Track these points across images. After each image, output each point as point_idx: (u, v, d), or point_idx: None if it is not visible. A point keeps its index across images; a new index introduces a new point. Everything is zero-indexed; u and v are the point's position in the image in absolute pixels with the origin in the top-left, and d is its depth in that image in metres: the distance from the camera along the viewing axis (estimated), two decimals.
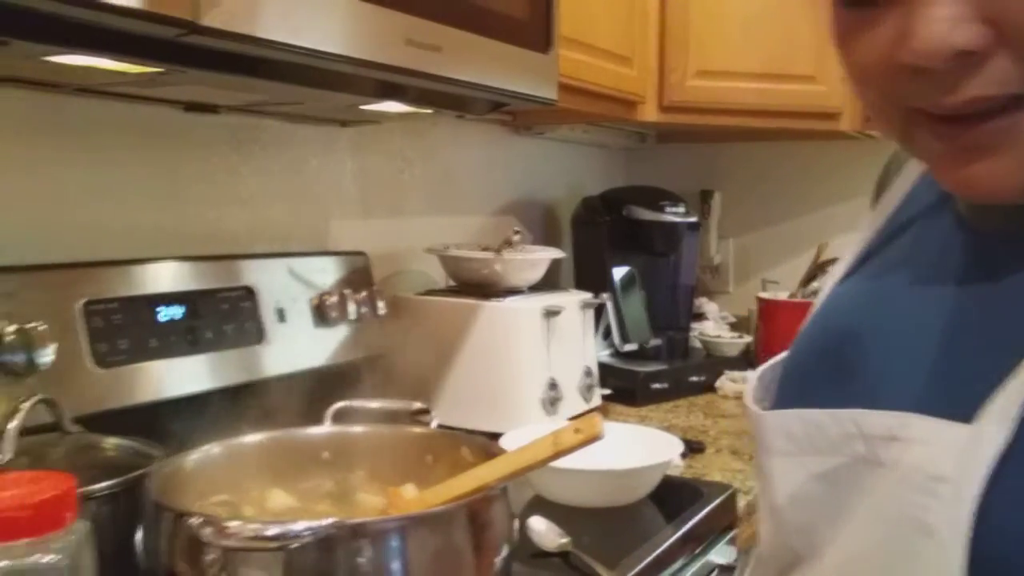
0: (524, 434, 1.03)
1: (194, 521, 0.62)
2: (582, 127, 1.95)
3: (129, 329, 1.02)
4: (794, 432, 0.52)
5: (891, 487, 0.46)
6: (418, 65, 0.94)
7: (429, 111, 1.17)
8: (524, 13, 1.12)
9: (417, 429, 0.94)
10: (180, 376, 1.07)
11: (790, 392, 0.57)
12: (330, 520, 0.63)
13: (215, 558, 0.65)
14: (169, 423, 1.04)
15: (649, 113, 1.67)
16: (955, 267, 0.51)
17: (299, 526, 0.62)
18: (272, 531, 0.62)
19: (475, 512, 0.72)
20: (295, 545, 0.62)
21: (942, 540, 0.42)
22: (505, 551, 0.76)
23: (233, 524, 0.62)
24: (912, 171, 0.61)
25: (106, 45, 0.73)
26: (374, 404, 0.93)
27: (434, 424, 0.96)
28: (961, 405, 0.44)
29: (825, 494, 0.50)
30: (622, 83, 1.56)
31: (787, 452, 0.53)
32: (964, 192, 0.48)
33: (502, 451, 0.84)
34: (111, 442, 0.89)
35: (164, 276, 1.09)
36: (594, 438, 0.70)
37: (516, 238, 1.42)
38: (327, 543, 0.63)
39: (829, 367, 0.55)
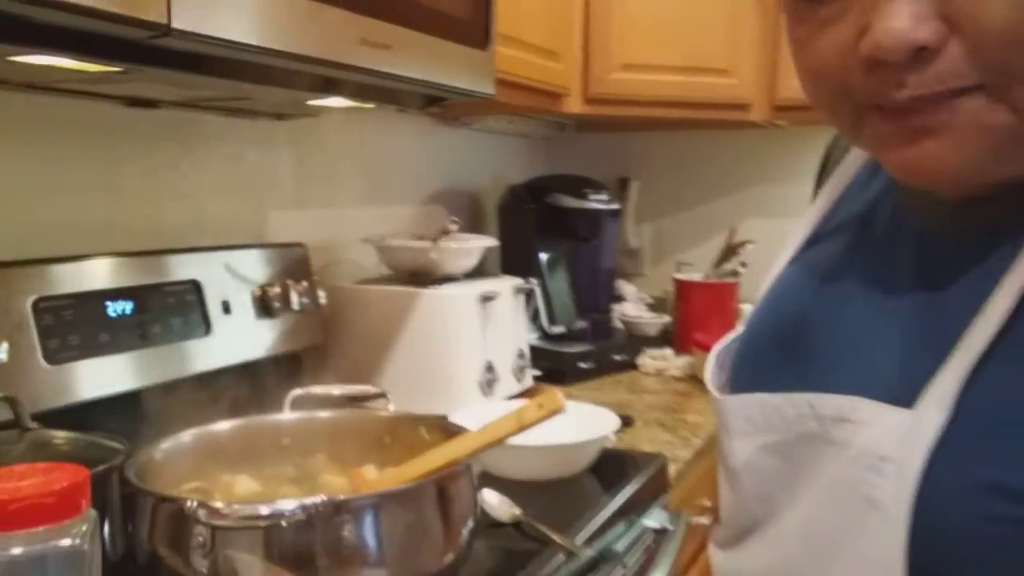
0: (466, 416, 1.07)
1: (190, 504, 0.66)
2: (507, 118, 2.01)
3: (79, 325, 1.03)
4: (753, 416, 0.58)
5: (842, 464, 0.51)
6: (371, 63, 0.98)
7: (371, 106, 1.21)
8: (465, 12, 1.17)
9: (374, 412, 0.99)
10: (130, 370, 1.08)
11: (745, 373, 0.62)
12: (320, 498, 0.67)
13: (204, 539, 0.68)
14: (120, 418, 1.06)
15: (574, 105, 1.74)
16: (900, 261, 0.56)
17: (290, 504, 0.66)
18: (265, 510, 0.66)
19: (446, 486, 0.78)
20: (285, 523, 0.66)
21: (887, 514, 0.47)
22: (471, 523, 0.82)
23: (232, 506, 0.66)
24: (854, 159, 0.64)
25: (74, 45, 0.74)
26: (336, 391, 0.97)
27: (391, 408, 1.01)
28: (904, 391, 0.49)
29: (781, 466, 0.56)
30: (550, 76, 1.62)
31: (746, 432, 0.58)
32: (906, 174, 0.51)
33: (460, 429, 0.90)
34: (71, 437, 0.90)
35: (111, 272, 1.09)
36: (556, 412, 0.76)
37: (453, 227, 1.46)
38: (317, 519, 0.68)
39: (782, 350, 0.59)
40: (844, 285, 0.59)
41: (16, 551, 0.50)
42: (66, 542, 0.52)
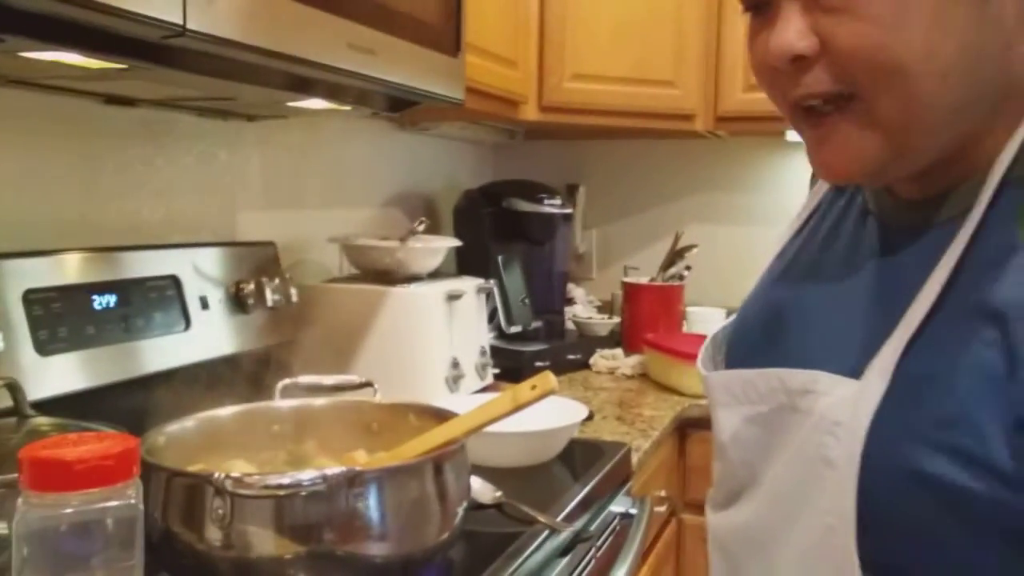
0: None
1: (217, 476, 0.69)
2: (460, 124, 2.07)
3: (67, 317, 1.04)
4: (733, 388, 0.66)
5: (805, 431, 0.59)
6: (356, 67, 1.02)
7: (348, 108, 1.25)
8: (439, 20, 1.22)
9: (363, 400, 1.02)
10: (116, 362, 1.09)
11: (736, 354, 0.71)
12: (339, 468, 0.71)
13: (224, 512, 0.72)
14: (109, 408, 1.07)
15: (531, 113, 1.81)
16: (864, 252, 0.64)
17: (310, 474, 0.70)
18: (287, 480, 0.70)
19: (445, 463, 0.82)
20: (305, 492, 0.71)
21: (840, 471, 0.55)
22: (465, 502, 0.87)
23: (253, 476, 0.69)
24: None
25: (86, 43, 0.77)
26: (328, 380, 1.00)
27: (377, 397, 1.05)
28: (857, 364, 0.56)
29: (760, 435, 0.64)
30: (509, 84, 1.68)
31: (727, 404, 0.67)
32: (823, 175, 0.61)
33: (449, 413, 0.94)
34: (71, 425, 0.92)
35: (93, 266, 1.11)
36: (549, 392, 0.81)
37: (420, 228, 1.51)
38: (332, 490, 0.72)
39: (765, 333, 0.68)
40: (818, 274, 0.67)
41: (79, 509, 0.53)
42: (122, 501, 0.56)
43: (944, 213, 0.58)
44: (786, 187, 2.14)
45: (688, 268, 2.10)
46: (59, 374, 1.02)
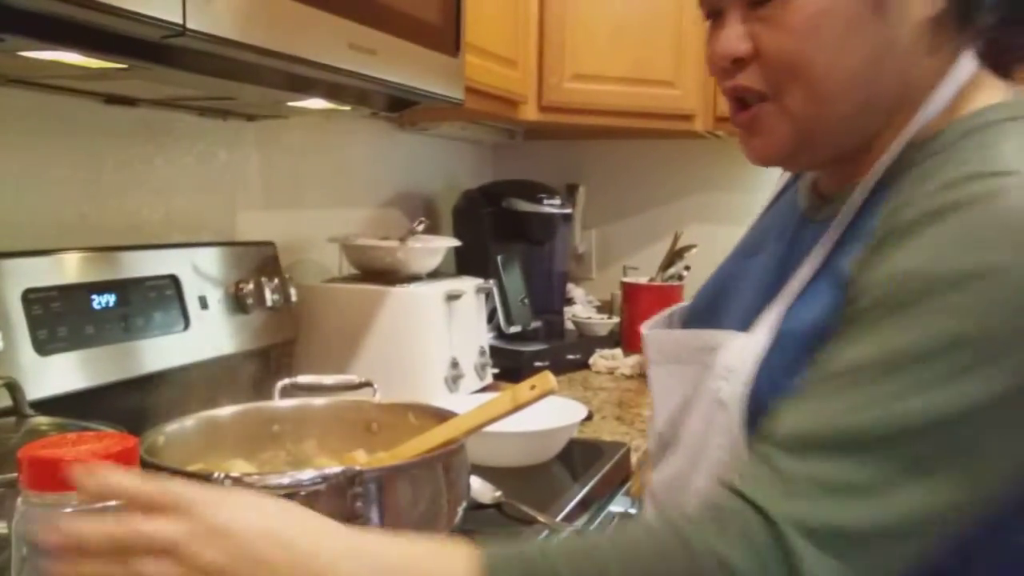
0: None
1: (217, 475, 0.69)
2: (460, 124, 2.07)
3: (67, 317, 1.04)
4: (665, 347, 0.76)
5: (710, 380, 0.68)
6: (357, 67, 1.02)
7: (347, 108, 1.25)
8: (438, 19, 1.22)
9: (363, 401, 1.02)
10: (115, 362, 1.09)
11: (687, 321, 0.82)
12: (339, 468, 0.71)
13: None
14: (108, 408, 1.07)
15: (530, 113, 1.80)
16: (784, 235, 0.74)
17: (309, 474, 0.71)
18: (286, 479, 0.70)
19: (446, 462, 0.83)
20: (304, 492, 0.71)
21: (731, 410, 0.65)
22: (464, 501, 0.87)
23: (253, 476, 0.69)
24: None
25: (86, 42, 0.77)
26: (328, 380, 1.00)
27: (376, 397, 1.05)
28: (750, 322, 0.67)
29: (681, 391, 0.73)
30: (509, 84, 1.68)
31: (659, 361, 0.77)
32: (748, 157, 0.70)
33: (448, 413, 0.94)
34: (70, 424, 0.92)
35: (93, 265, 1.11)
36: (548, 392, 0.81)
37: (420, 228, 1.51)
38: (333, 489, 0.72)
39: (709, 302, 0.80)
40: (754, 251, 0.79)
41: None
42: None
43: (837, 207, 0.68)
44: None
45: (687, 268, 2.10)
46: (58, 374, 1.02)
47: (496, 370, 1.75)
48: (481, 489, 1.07)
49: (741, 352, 0.65)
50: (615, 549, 0.53)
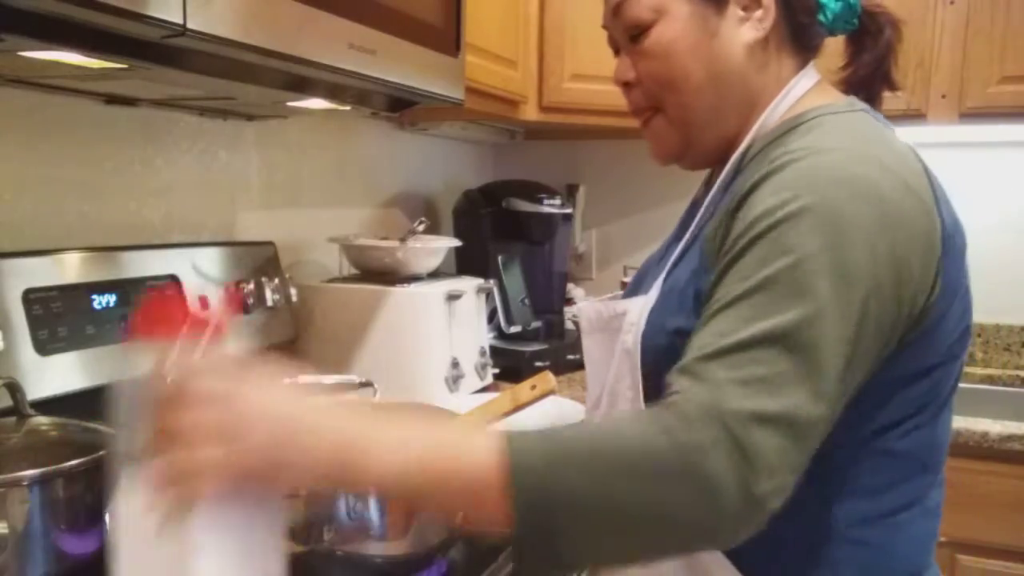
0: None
1: None
2: (461, 124, 2.06)
3: (67, 317, 1.04)
4: (591, 317, 0.86)
5: (621, 338, 0.79)
6: (357, 67, 1.02)
7: (347, 108, 1.25)
8: (439, 20, 1.22)
9: (364, 400, 1.03)
10: (116, 362, 1.09)
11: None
12: None
13: None
14: (98, 409, 1.07)
15: (530, 112, 1.80)
16: (693, 214, 0.85)
17: None
18: None
19: None
20: (304, 492, 0.71)
21: (630, 354, 0.77)
22: None
23: None
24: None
25: (87, 42, 0.77)
26: (328, 380, 1.00)
27: (376, 397, 1.05)
28: (650, 286, 0.80)
29: (605, 357, 0.82)
30: (509, 84, 1.68)
31: (588, 331, 0.87)
32: (653, 158, 0.86)
33: (449, 413, 0.95)
34: (71, 424, 0.92)
35: (93, 265, 1.11)
36: (549, 392, 0.82)
37: (420, 228, 1.51)
38: (332, 490, 0.72)
39: (634, 283, 0.90)
40: (674, 237, 0.89)
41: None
42: None
43: (709, 191, 0.82)
44: None
45: None
46: (59, 374, 1.02)
47: (496, 370, 1.75)
48: None
49: (639, 309, 0.79)
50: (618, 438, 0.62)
